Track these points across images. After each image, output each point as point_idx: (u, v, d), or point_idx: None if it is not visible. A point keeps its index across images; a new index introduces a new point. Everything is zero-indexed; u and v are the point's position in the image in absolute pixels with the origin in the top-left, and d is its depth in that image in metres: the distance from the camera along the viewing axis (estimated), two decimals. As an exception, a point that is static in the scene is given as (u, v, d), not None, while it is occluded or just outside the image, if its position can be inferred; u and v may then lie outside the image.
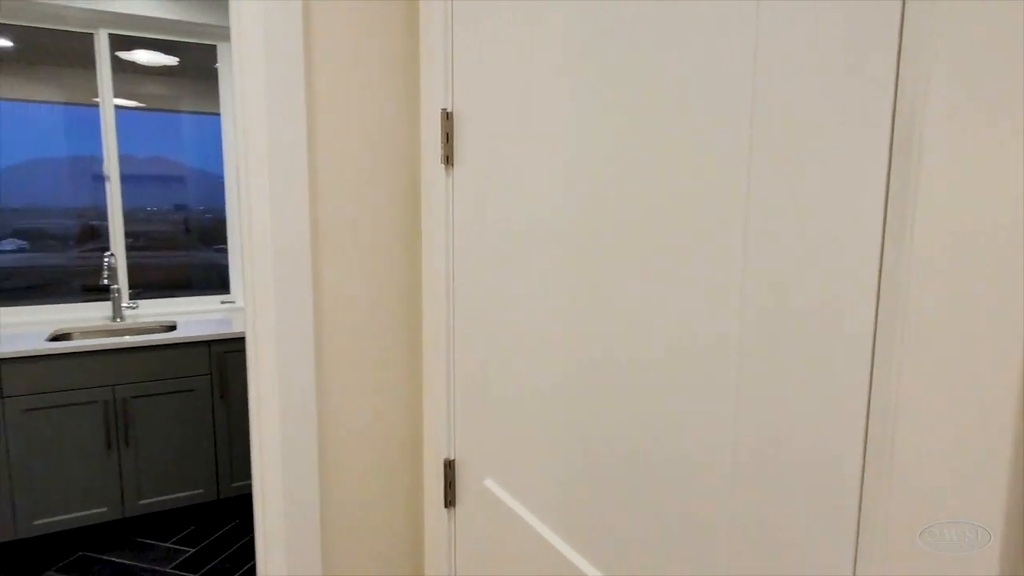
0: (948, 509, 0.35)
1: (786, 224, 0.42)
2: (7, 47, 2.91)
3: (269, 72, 1.02)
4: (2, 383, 2.34)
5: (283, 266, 1.05)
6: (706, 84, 0.47)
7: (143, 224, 3.18)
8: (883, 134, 0.37)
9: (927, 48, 0.35)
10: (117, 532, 2.64)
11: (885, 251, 0.38)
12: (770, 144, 0.42)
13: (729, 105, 0.44)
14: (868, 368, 0.39)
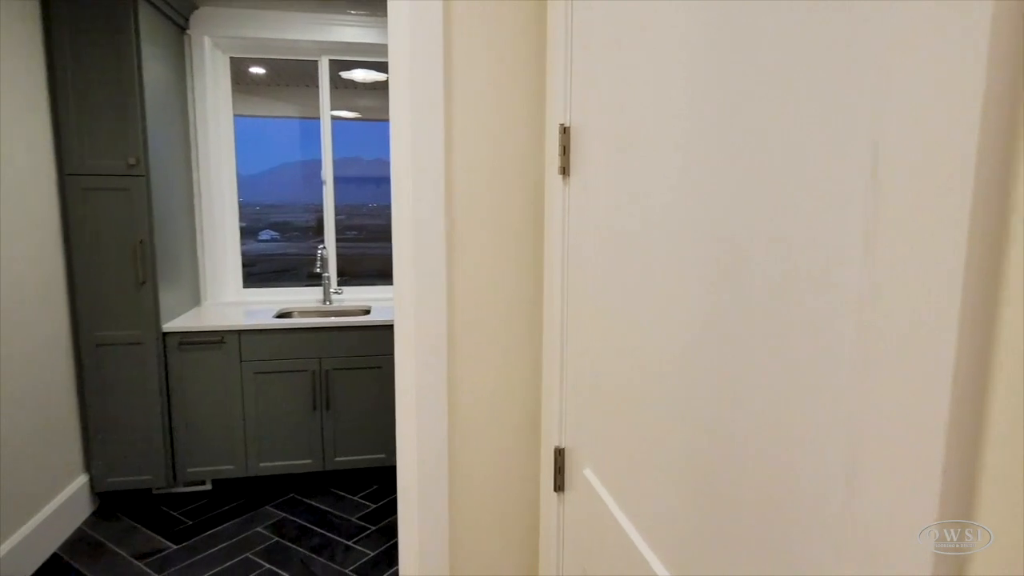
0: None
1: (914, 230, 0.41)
2: (261, 73, 3.57)
3: (413, 75, 1.18)
4: (241, 350, 2.90)
5: (422, 260, 1.22)
6: (835, 103, 0.44)
7: (360, 218, 3.72)
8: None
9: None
10: (318, 481, 3.13)
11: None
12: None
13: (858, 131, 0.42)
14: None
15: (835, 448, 0.45)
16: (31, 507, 2.39)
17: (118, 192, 2.67)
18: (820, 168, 0.46)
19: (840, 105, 0.44)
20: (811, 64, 0.47)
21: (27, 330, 2.38)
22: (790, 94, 0.49)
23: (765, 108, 0.52)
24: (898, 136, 0.39)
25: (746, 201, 0.55)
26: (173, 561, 2.46)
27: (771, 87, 0.51)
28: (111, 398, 2.77)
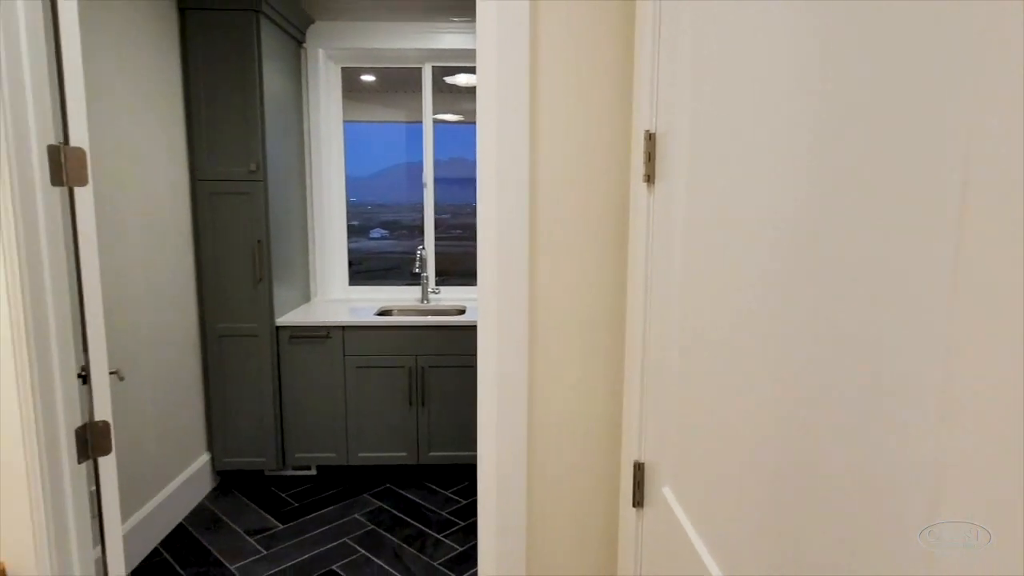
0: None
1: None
2: (371, 81, 3.75)
3: (499, 78, 1.20)
4: (345, 345, 3.06)
5: (504, 265, 1.23)
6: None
7: (464, 217, 3.83)
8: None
9: None
10: (412, 474, 3.24)
11: None
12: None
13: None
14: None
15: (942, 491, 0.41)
16: (163, 479, 2.65)
17: (240, 196, 2.91)
18: (920, 188, 0.42)
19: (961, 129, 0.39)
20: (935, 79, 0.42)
21: (164, 321, 2.65)
22: (914, 106, 0.45)
23: (888, 119, 0.48)
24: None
25: (852, 215, 0.50)
26: (279, 540, 2.64)
27: (895, 98, 0.47)
28: (230, 385, 3.02)
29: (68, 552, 1.28)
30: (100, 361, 1.36)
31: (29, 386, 1.20)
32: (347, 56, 3.52)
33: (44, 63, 1.22)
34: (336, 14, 3.36)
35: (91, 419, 1.35)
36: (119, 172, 2.34)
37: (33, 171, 1.20)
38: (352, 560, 2.50)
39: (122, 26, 2.36)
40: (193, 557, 2.50)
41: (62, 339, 1.26)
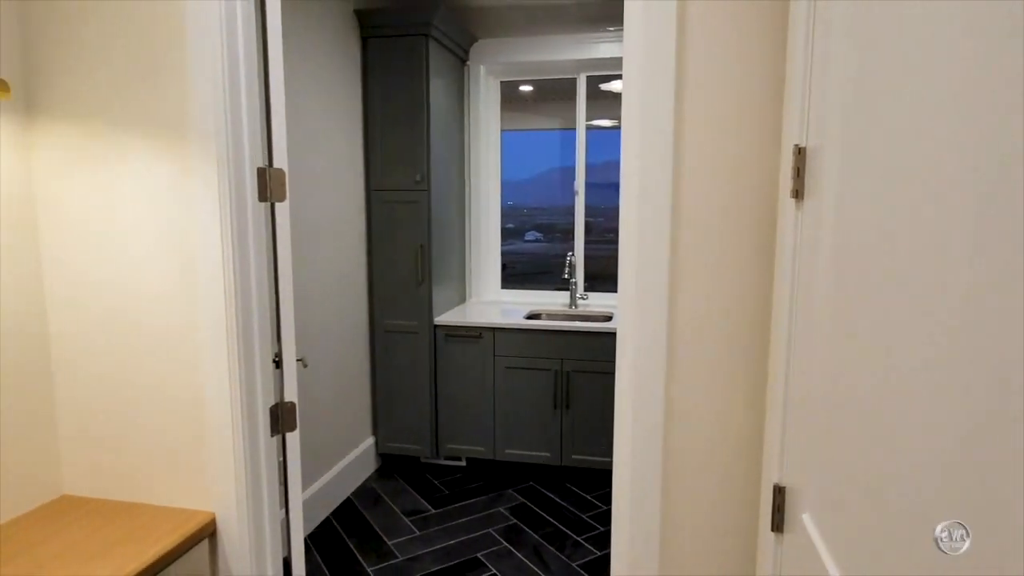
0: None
1: None
2: (528, 91, 3.90)
3: (644, 86, 1.22)
4: (495, 345, 3.22)
5: (643, 276, 1.25)
6: None
7: (615, 221, 3.85)
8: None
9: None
10: (555, 475, 3.32)
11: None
12: None
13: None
14: None
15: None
16: (335, 458, 2.98)
17: (407, 204, 3.18)
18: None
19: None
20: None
21: (340, 316, 2.98)
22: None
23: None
24: None
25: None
26: (430, 523, 2.85)
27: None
28: (393, 377, 3.32)
29: (261, 510, 1.52)
30: (290, 350, 1.59)
31: (237, 370, 1.44)
32: (506, 70, 3.69)
33: (257, 101, 1.45)
34: (497, 31, 3.54)
35: (282, 399, 1.58)
36: (311, 186, 2.68)
37: (245, 189, 1.44)
38: (495, 551, 2.63)
39: (319, 59, 2.70)
40: (357, 529, 2.79)
41: (263, 331, 1.50)
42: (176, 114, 1.40)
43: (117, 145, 1.44)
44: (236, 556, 1.49)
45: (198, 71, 1.36)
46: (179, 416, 1.49)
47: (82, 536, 1.38)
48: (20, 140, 1.45)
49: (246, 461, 1.47)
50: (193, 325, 1.45)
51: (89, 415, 1.55)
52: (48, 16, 1.42)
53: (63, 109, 1.45)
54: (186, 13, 1.35)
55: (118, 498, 1.55)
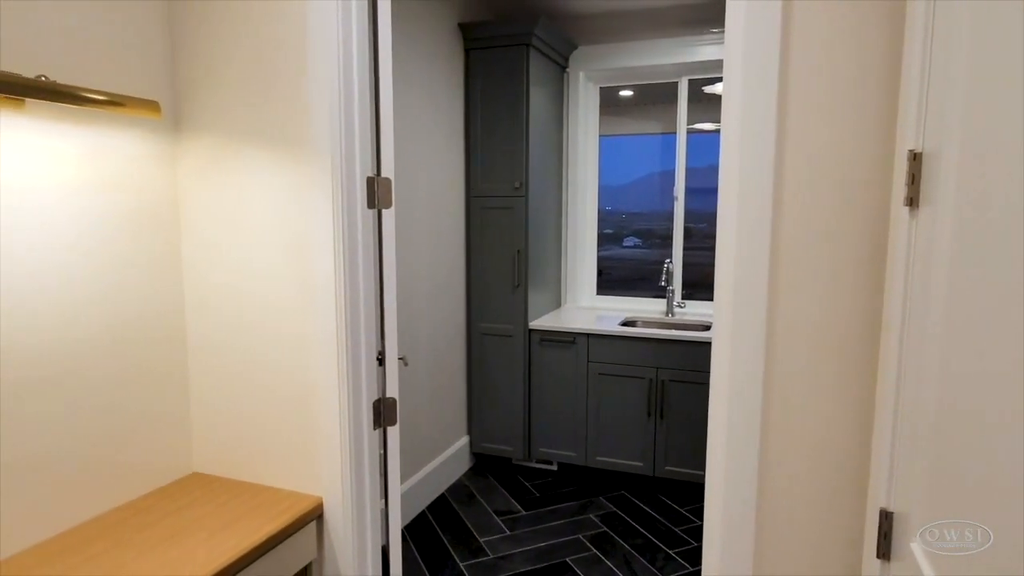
0: None
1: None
2: (628, 96, 3.87)
3: (746, 87, 1.19)
4: (589, 351, 3.22)
5: (741, 288, 1.22)
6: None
7: (716, 228, 3.76)
8: None
9: None
10: (647, 485, 3.27)
11: None
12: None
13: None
14: None
15: None
16: (431, 454, 3.10)
17: (504, 210, 3.25)
18: None
19: None
20: None
21: (439, 318, 3.10)
22: None
23: None
24: None
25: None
26: (521, 523, 2.89)
27: None
28: (488, 379, 3.40)
29: (363, 497, 1.61)
30: (392, 348, 1.68)
31: (345, 366, 1.54)
32: (605, 76, 3.69)
33: (368, 114, 1.56)
34: (598, 38, 3.55)
35: (383, 395, 1.68)
36: (414, 193, 2.81)
37: (356, 197, 1.54)
38: (584, 557, 2.62)
39: (424, 72, 2.83)
40: (451, 525, 2.88)
41: (368, 330, 1.60)
42: (296, 130, 1.53)
43: (245, 158, 1.59)
44: (340, 539, 1.59)
45: (317, 93, 1.48)
46: (293, 407, 1.62)
47: (210, 509, 1.54)
48: (168, 154, 1.64)
49: (351, 451, 1.57)
50: (307, 324, 1.57)
51: (216, 403, 1.71)
52: (193, 47, 1.60)
53: (201, 126, 1.62)
54: (307, 42, 1.47)
55: (239, 478, 1.71)
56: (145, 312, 1.60)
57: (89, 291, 1.46)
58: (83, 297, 1.45)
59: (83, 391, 1.46)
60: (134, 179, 1.55)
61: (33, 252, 1.34)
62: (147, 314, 1.61)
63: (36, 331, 1.35)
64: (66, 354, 1.42)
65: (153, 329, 1.63)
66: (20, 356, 1.32)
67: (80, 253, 1.44)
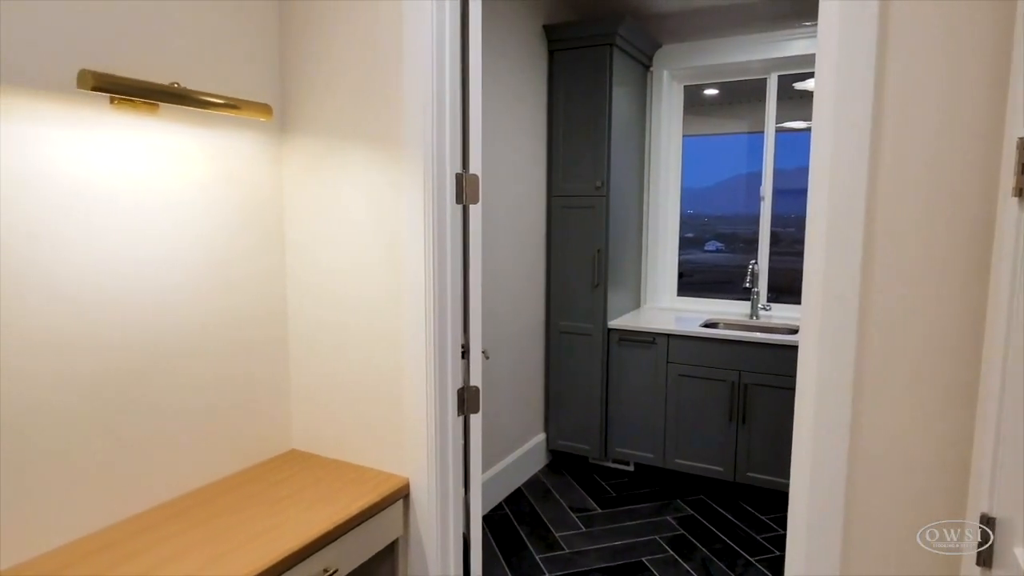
0: None
1: None
2: (714, 94, 3.80)
3: (839, 75, 1.17)
4: (669, 352, 3.19)
5: (831, 282, 1.19)
6: None
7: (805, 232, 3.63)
8: None
9: None
10: (727, 491, 3.19)
11: None
12: None
13: None
14: None
15: None
16: (509, 448, 3.16)
17: (585, 210, 3.27)
18: None
19: None
20: None
21: (519, 314, 3.16)
22: None
23: None
24: None
25: None
26: (597, 521, 2.90)
27: None
28: (565, 377, 3.42)
29: (446, 480, 1.68)
30: (476, 340, 1.75)
31: (432, 355, 1.62)
32: (690, 74, 3.64)
33: (458, 113, 1.63)
34: (683, 36, 3.51)
35: (467, 383, 1.74)
36: (498, 191, 2.88)
37: (445, 193, 1.62)
38: (660, 558, 2.60)
39: (509, 73, 2.90)
40: (527, 518, 2.93)
41: (454, 321, 1.67)
42: (390, 130, 1.62)
43: (342, 156, 1.70)
44: (424, 518, 1.67)
45: (411, 93, 1.56)
46: (383, 391, 1.71)
47: (308, 483, 1.65)
48: (275, 154, 1.77)
49: (436, 435, 1.65)
50: (397, 314, 1.66)
51: (313, 386, 1.83)
52: (298, 54, 1.73)
53: (305, 127, 1.75)
54: (404, 46, 1.56)
55: (332, 456, 1.82)
56: (253, 301, 1.74)
57: (208, 279, 1.61)
58: (204, 285, 1.60)
59: (200, 370, 1.61)
60: (247, 177, 1.70)
61: (165, 242, 1.49)
62: (255, 303, 1.75)
63: (163, 313, 1.51)
64: (188, 336, 1.57)
65: (259, 318, 1.77)
66: (151, 336, 1.48)
67: (202, 243, 1.59)
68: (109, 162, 1.37)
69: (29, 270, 1.25)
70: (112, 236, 1.39)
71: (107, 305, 1.39)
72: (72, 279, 1.32)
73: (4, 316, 1.21)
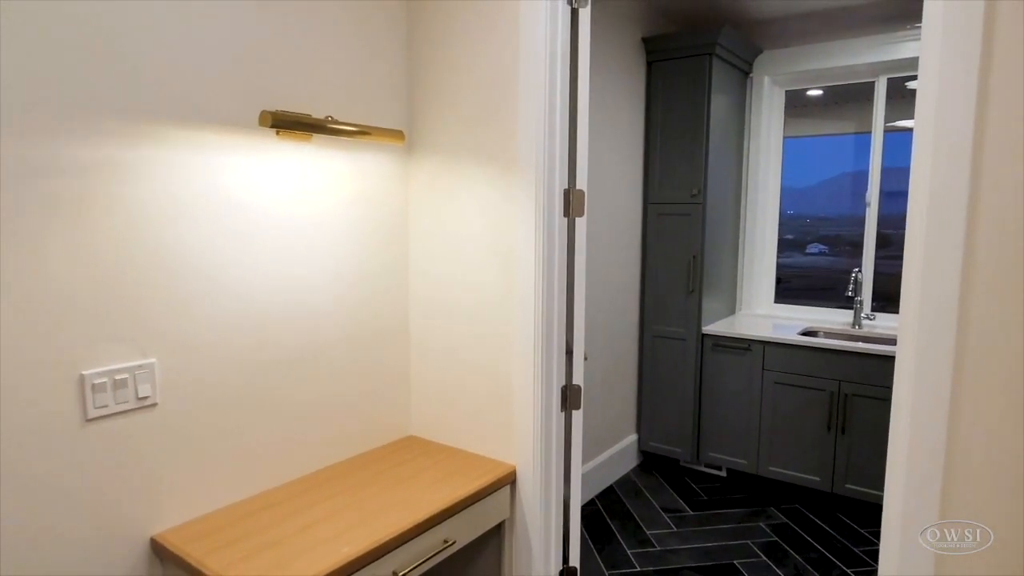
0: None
1: None
2: (817, 95, 3.74)
3: (942, 80, 1.21)
4: (765, 359, 3.19)
5: (929, 293, 1.24)
6: None
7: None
8: None
9: None
10: (824, 501, 3.15)
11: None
12: None
13: None
14: None
15: None
16: (603, 446, 3.28)
17: (681, 217, 3.34)
18: None
19: None
20: None
21: (615, 318, 3.27)
22: None
23: None
24: None
25: None
26: (688, 522, 2.97)
27: None
28: (658, 380, 3.50)
29: (550, 470, 1.84)
30: (579, 342, 1.89)
31: (540, 353, 1.78)
32: (792, 79, 3.60)
33: (567, 131, 1.78)
34: (785, 41, 3.49)
35: (570, 382, 1.89)
36: (596, 199, 3.01)
37: (554, 207, 1.77)
38: (752, 562, 2.64)
39: (609, 86, 3.02)
40: (618, 514, 3.04)
41: (560, 324, 1.82)
42: (504, 150, 1.79)
43: (460, 174, 1.89)
44: (529, 503, 1.83)
45: (524, 115, 1.73)
46: (493, 386, 1.89)
47: (427, 465, 1.86)
48: (403, 172, 2.00)
49: (541, 428, 1.80)
50: (507, 318, 1.83)
51: (430, 381, 2.04)
52: (423, 83, 1.94)
53: (428, 148, 1.95)
54: (520, 71, 1.73)
55: (446, 443, 2.02)
56: (381, 305, 1.97)
57: (346, 283, 1.85)
58: (342, 289, 1.84)
59: (338, 363, 1.85)
60: (381, 194, 1.93)
61: (316, 250, 1.74)
62: (382, 307, 1.98)
63: (310, 314, 1.76)
64: (329, 334, 1.81)
65: (387, 319, 1.99)
66: (300, 333, 1.73)
67: (344, 252, 1.83)
68: (273, 183, 1.63)
69: (220, 275, 1.52)
70: (271, 248, 1.65)
71: (267, 306, 1.65)
72: (241, 283, 1.58)
73: (196, 311, 1.49)
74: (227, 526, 1.49)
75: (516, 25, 1.72)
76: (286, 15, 1.61)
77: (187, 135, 1.43)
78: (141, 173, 1.36)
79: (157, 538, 1.43)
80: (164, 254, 1.42)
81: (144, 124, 1.36)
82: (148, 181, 1.38)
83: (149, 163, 1.38)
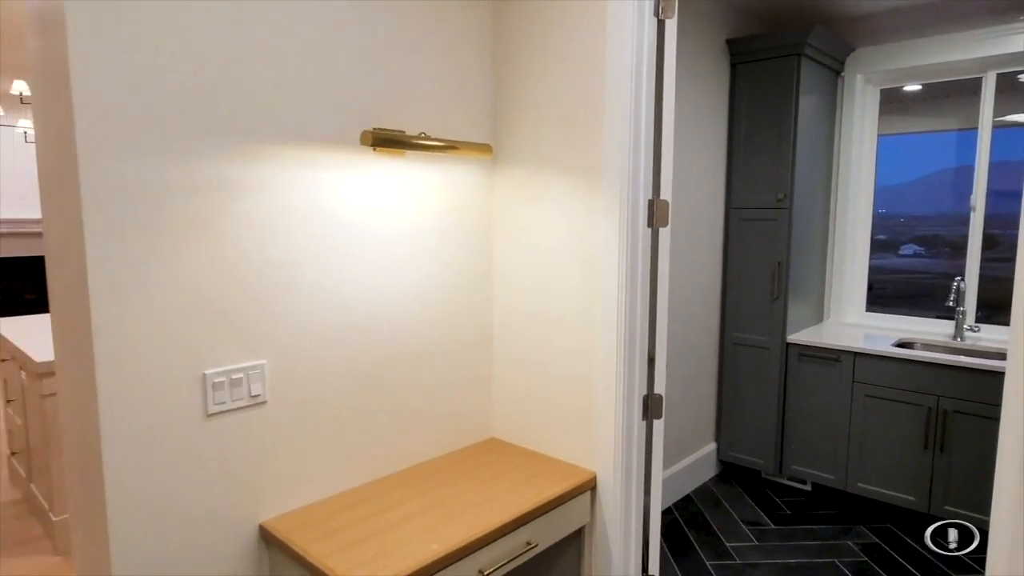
0: None
1: None
2: (916, 91, 3.54)
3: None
4: (855, 371, 3.06)
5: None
6: None
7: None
8: None
9: None
10: (919, 522, 2.99)
11: None
12: None
13: None
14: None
15: None
16: (681, 454, 3.25)
17: (765, 222, 3.25)
18: None
19: None
20: None
21: (694, 325, 3.23)
22: None
23: None
24: None
25: None
26: (769, 536, 2.89)
27: None
28: (739, 389, 3.42)
29: (630, 478, 1.85)
30: (661, 351, 1.90)
31: (623, 363, 1.80)
32: (887, 77, 3.44)
33: (651, 152, 1.79)
34: (880, 37, 3.33)
35: (651, 391, 1.90)
36: (677, 205, 2.98)
37: (638, 217, 1.78)
38: (840, 581, 2.54)
39: (693, 90, 2.99)
40: (696, 524, 3.00)
41: (642, 333, 1.83)
42: (588, 162, 1.82)
43: (544, 185, 1.93)
44: (609, 510, 1.86)
45: (610, 129, 1.75)
46: (575, 392, 1.93)
47: (510, 467, 1.92)
48: (488, 183, 2.06)
49: (623, 436, 1.82)
50: (590, 327, 1.86)
51: (513, 385, 2.10)
52: (506, 98, 1.99)
53: (513, 159, 2.01)
54: (606, 83, 1.75)
55: (527, 447, 2.07)
56: (471, 310, 2.05)
57: (437, 294, 1.94)
58: (434, 298, 1.92)
59: (428, 368, 1.94)
60: (468, 205, 2.00)
61: (409, 261, 1.84)
62: (471, 313, 2.05)
63: (405, 321, 1.85)
64: (421, 339, 1.90)
65: (474, 325, 2.07)
66: (397, 338, 1.83)
67: (437, 260, 1.91)
68: (370, 197, 1.73)
69: (324, 284, 1.63)
70: (367, 258, 1.75)
71: (365, 316, 1.75)
72: (341, 291, 1.69)
73: (301, 317, 1.60)
74: (327, 517, 1.60)
75: (603, 38, 1.75)
76: (387, 40, 1.71)
77: (298, 154, 1.55)
78: (257, 190, 1.49)
79: (265, 525, 1.56)
80: (273, 264, 1.54)
81: (267, 145, 1.48)
82: (263, 197, 1.50)
83: (265, 180, 1.50)
